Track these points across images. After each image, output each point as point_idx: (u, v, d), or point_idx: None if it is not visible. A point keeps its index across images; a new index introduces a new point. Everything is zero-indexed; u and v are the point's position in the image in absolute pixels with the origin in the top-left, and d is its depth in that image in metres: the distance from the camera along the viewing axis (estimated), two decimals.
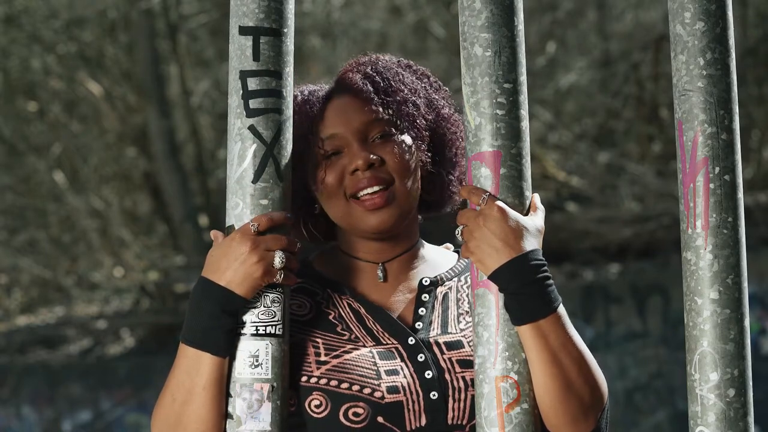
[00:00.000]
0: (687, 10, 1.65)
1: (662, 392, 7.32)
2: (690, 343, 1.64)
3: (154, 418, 1.73)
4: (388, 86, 1.79)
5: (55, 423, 9.48)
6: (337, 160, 1.79)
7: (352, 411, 1.70)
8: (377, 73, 1.81)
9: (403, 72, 1.83)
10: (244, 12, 1.75)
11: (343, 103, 1.80)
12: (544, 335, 1.64)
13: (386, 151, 1.77)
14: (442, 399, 1.71)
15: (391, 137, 1.78)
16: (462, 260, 1.89)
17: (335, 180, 1.78)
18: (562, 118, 10.24)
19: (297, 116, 1.79)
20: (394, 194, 1.77)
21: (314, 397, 1.71)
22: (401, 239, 1.83)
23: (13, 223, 11.74)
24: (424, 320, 1.79)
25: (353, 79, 1.81)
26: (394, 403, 1.70)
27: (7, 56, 11.43)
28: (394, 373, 1.72)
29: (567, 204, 8.94)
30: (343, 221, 1.81)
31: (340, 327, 1.78)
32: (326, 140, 1.78)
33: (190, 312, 1.71)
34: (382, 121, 1.78)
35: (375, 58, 1.85)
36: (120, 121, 11.20)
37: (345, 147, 1.78)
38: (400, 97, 1.79)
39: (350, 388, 1.71)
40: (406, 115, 1.79)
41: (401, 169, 1.77)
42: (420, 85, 1.83)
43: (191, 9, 11.47)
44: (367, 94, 1.78)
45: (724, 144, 1.63)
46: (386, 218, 1.77)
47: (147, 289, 10.54)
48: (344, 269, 1.84)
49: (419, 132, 1.80)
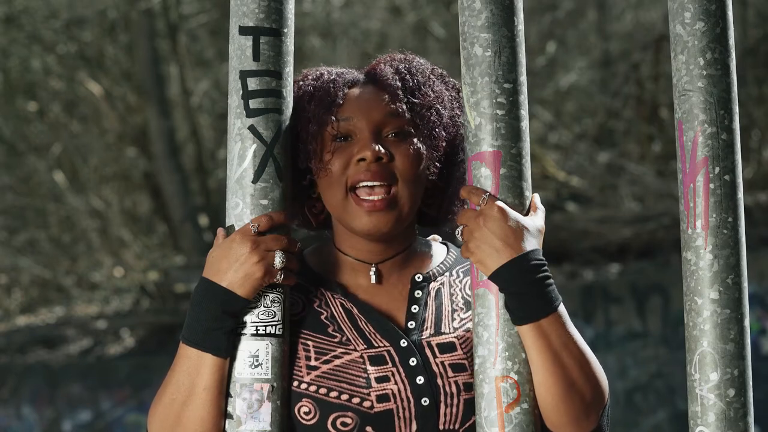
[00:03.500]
0: (687, 10, 1.65)
1: (662, 392, 7.32)
2: (690, 343, 1.64)
3: (151, 418, 1.72)
4: (416, 87, 1.76)
5: (55, 423, 9.48)
6: (347, 145, 1.74)
7: (340, 420, 1.68)
8: (409, 72, 1.78)
9: (435, 79, 1.80)
10: (244, 12, 1.74)
11: (368, 91, 1.77)
12: (546, 335, 1.63)
13: (398, 150, 1.74)
14: (433, 405, 1.70)
15: (407, 138, 1.75)
16: (451, 253, 1.86)
17: (340, 166, 1.74)
18: (562, 118, 10.24)
19: (319, 94, 1.75)
20: (395, 199, 1.73)
21: (303, 404, 1.70)
22: (395, 242, 1.79)
23: (13, 223, 11.75)
24: (417, 318, 1.77)
25: (384, 71, 1.78)
26: (384, 411, 1.69)
27: (7, 56, 11.43)
28: (384, 380, 1.71)
29: (567, 204, 8.94)
30: (337, 212, 1.77)
31: (332, 328, 1.75)
32: (341, 122, 1.74)
33: (191, 312, 1.70)
34: (402, 119, 1.74)
35: (411, 57, 1.81)
36: (120, 121, 11.20)
37: (357, 134, 1.74)
38: (427, 102, 1.76)
39: (339, 398, 1.69)
40: (427, 120, 1.75)
41: (408, 171, 1.74)
42: (448, 96, 1.79)
43: (191, 9, 11.47)
44: (394, 89, 1.75)
45: (724, 144, 1.63)
46: (382, 222, 1.74)
47: (147, 289, 10.54)
48: (337, 267, 1.81)
49: (436, 141, 1.76)
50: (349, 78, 1.79)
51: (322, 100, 1.75)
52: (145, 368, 9.28)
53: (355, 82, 1.79)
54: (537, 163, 8.69)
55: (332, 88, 1.76)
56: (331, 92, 1.75)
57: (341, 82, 1.77)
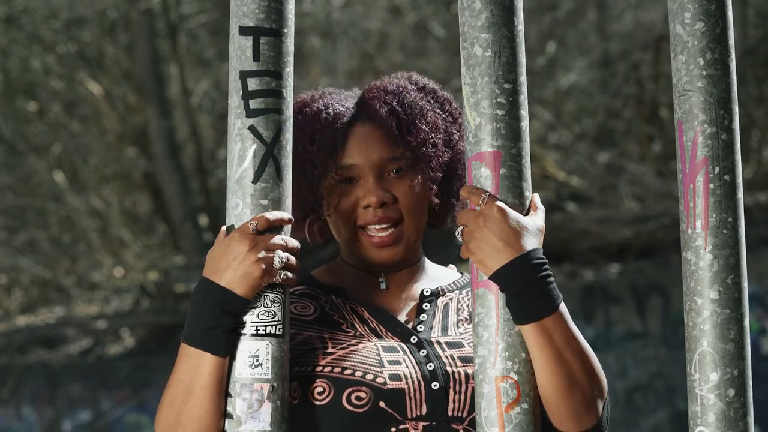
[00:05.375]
0: (687, 10, 1.65)
1: (662, 392, 7.32)
2: (690, 343, 1.64)
3: (156, 418, 1.74)
4: (411, 124, 1.82)
5: (55, 423, 9.48)
6: (352, 188, 1.82)
7: (355, 395, 1.72)
8: (402, 107, 1.83)
9: (428, 106, 1.85)
10: (244, 12, 1.75)
11: (365, 132, 1.83)
12: (548, 333, 1.65)
13: (400, 190, 1.82)
14: (443, 390, 1.74)
15: (407, 174, 1.83)
16: (465, 277, 1.93)
17: (347, 208, 1.82)
18: (562, 118, 10.24)
19: (320, 135, 1.82)
20: (402, 233, 1.82)
21: (318, 384, 1.73)
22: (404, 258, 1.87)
23: (13, 223, 11.75)
24: (426, 324, 1.83)
25: (378, 111, 1.84)
26: (396, 389, 1.72)
27: (7, 56, 11.43)
28: (396, 363, 1.75)
29: (567, 204, 8.94)
30: (347, 245, 1.86)
31: (345, 326, 1.81)
32: (344, 168, 1.82)
33: (191, 311, 1.71)
34: (401, 159, 1.82)
35: (402, 88, 1.87)
36: (120, 121, 11.20)
37: (361, 178, 1.82)
38: (421, 137, 1.82)
39: (353, 374, 1.73)
40: (424, 155, 1.82)
41: (412, 208, 1.82)
42: (441, 118, 1.86)
43: (191, 9, 11.47)
44: (389, 129, 1.82)
45: (724, 144, 1.63)
46: (393, 255, 1.83)
47: (147, 289, 10.54)
48: (347, 278, 1.88)
49: (434, 173, 1.84)
50: (347, 116, 1.85)
51: (323, 145, 1.82)
52: (145, 368, 9.29)
53: (352, 119, 1.85)
54: (537, 163, 8.69)
55: (331, 133, 1.82)
56: (331, 136, 1.82)
57: (339, 125, 1.83)
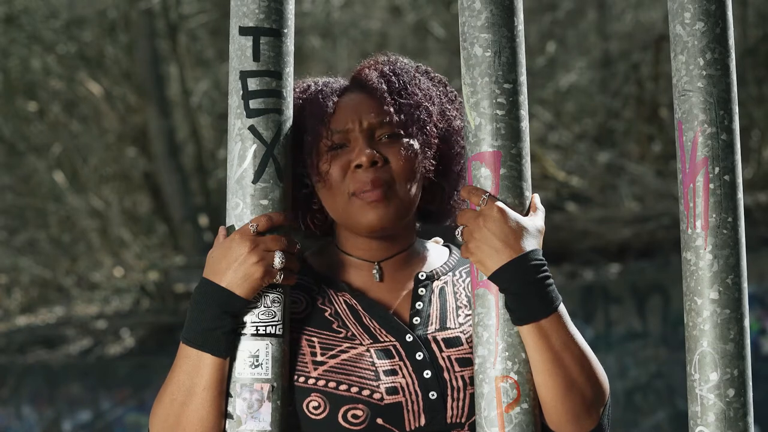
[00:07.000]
0: (687, 11, 1.65)
1: (662, 392, 7.32)
2: (690, 343, 1.64)
3: (152, 418, 1.73)
4: (402, 88, 1.79)
5: (55, 423, 9.48)
6: (343, 153, 1.78)
7: (351, 413, 1.70)
8: (394, 73, 1.81)
9: (421, 77, 1.83)
10: (244, 12, 1.75)
11: (356, 98, 1.80)
12: (546, 334, 1.64)
13: (391, 152, 1.77)
14: (440, 399, 1.72)
15: (399, 139, 1.78)
16: (454, 254, 1.89)
17: (338, 173, 1.77)
18: (562, 118, 10.24)
19: (310, 106, 1.79)
20: (393, 191, 1.76)
21: (312, 399, 1.71)
22: (397, 240, 1.83)
23: (13, 223, 11.75)
24: (422, 314, 1.79)
25: (369, 76, 1.81)
26: (393, 404, 1.70)
27: (7, 56, 11.43)
28: (392, 373, 1.72)
29: (567, 204, 8.94)
30: (341, 217, 1.80)
31: (336, 324, 1.77)
32: (335, 133, 1.77)
33: (191, 312, 1.71)
34: (392, 121, 1.77)
35: (394, 59, 1.85)
36: (120, 121, 11.20)
37: (351, 141, 1.78)
38: (414, 101, 1.79)
39: (349, 390, 1.71)
40: (417, 119, 1.78)
41: (403, 171, 1.77)
42: (435, 92, 1.83)
43: (191, 9, 11.47)
44: (381, 93, 1.78)
45: (723, 144, 1.64)
46: (383, 215, 1.76)
47: (147, 289, 10.54)
48: (340, 266, 1.84)
49: (428, 138, 1.80)
50: (336, 86, 1.82)
51: (313, 113, 1.78)
52: (145, 368, 9.28)
53: (342, 89, 1.82)
54: (537, 163, 8.69)
55: (321, 99, 1.79)
56: (321, 103, 1.79)
57: (329, 91, 1.81)
